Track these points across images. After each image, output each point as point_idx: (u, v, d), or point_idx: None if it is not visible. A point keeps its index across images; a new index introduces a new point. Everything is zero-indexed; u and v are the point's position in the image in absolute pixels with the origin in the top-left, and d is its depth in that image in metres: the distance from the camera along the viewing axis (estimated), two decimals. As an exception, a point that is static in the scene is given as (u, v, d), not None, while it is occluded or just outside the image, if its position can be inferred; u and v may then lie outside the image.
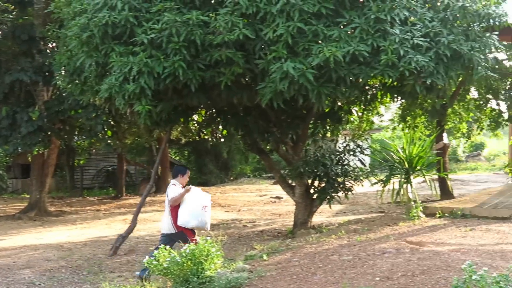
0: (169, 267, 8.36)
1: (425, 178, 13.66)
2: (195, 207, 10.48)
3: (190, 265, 8.39)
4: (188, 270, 8.36)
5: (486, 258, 8.36)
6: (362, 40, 10.38)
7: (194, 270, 8.37)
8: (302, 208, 13.62)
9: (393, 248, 9.57)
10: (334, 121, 13.94)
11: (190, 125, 15.73)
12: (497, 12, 11.81)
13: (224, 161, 30.81)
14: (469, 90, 18.80)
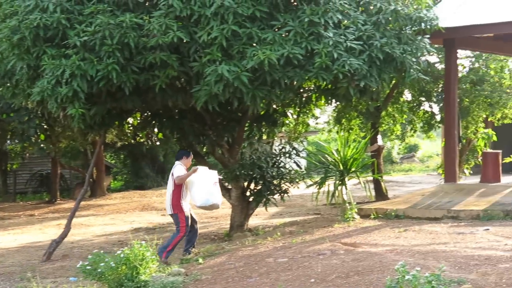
0: (103, 272, 8.27)
1: (359, 180, 13.81)
2: (208, 185, 10.97)
3: (125, 270, 8.31)
4: (122, 275, 8.27)
5: (419, 258, 8.48)
6: (296, 43, 10.45)
7: (129, 274, 8.29)
8: (239, 210, 13.61)
9: (328, 249, 9.64)
10: (270, 123, 13.98)
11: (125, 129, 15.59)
12: (428, 15, 12.02)
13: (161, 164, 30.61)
14: (402, 93, 19.06)
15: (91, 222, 18.27)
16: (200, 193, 10.96)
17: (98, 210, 21.45)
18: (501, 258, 8.25)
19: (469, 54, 18.97)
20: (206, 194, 10.97)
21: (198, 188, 10.94)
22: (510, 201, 12.67)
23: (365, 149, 14.10)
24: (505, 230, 10.48)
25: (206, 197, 10.98)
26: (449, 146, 15.10)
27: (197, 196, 10.98)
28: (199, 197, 10.98)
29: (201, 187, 10.95)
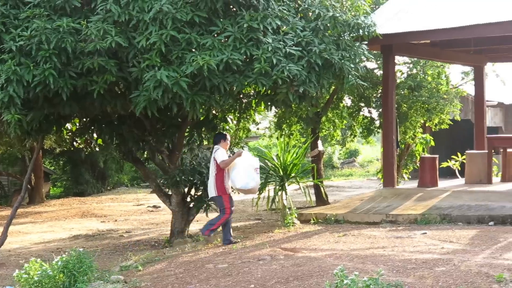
0: (40, 280, 8.15)
1: (299, 185, 13.87)
2: (249, 169, 11.46)
3: (63, 278, 8.21)
4: (60, 283, 8.18)
5: (358, 263, 8.56)
6: (235, 48, 10.46)
7: (67, 282, 8.20)
8: (179, 217, 13.54)
9: (268, 255, 9.67)
10: (210, 129, 13.94)
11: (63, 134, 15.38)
12: (366, 22, 12.15)
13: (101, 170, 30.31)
14: (342, 98, 19.20)
15: (29, 229, 17.98)
16: (241, 176, 11.45)
17: (37, 217, 21.12)
18: (438, 261, 8.37)
19: (407, 60, 19.22)
20: (247, 178, 11.45)
21: (239, 171, 11.45)
22: (446, 205, 12.88)
23: (305, 154, 14.15)
24: (441, 233, 10.65)
25: (247, 180, 11.46)
26: (387, 151, 15.29)
27: (238, 178, 11.47)
28: (240, 180, 11.46)
29: (242, 171, 11.45)
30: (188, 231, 13.72)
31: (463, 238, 10.16)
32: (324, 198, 17.33)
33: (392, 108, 15.34)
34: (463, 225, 11.72)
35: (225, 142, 11.87)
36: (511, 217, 11.69)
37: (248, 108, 13.99)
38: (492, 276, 7.45)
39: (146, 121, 12.87)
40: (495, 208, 12.29)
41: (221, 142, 11.83)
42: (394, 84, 15.70)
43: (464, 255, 8.72)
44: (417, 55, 17.15)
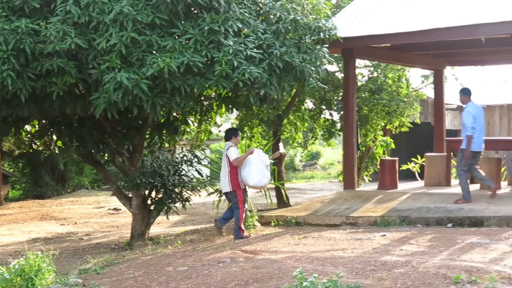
0: (-4, 284, 8.05)
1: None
2: (261, 166, 11.95)
3: (20, 281, 8.12)
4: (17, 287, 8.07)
5: (317, 265, 8.59)
6: (196, 51, 10.45)
7: (24, 286, 8.09)
8: (140, 219, 13.49)
9: (228, 257, 9.66)
10: (171, 131, 13.90)
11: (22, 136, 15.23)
12: (326, 25, 12.23)
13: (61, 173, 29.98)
14: (304, 101, 19.27)
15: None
16: (254, 174, 11.88)
17: (-4, 221, 20.85)
18: (397, 263, 8.43)
19: (367, 64, 19.36)
20: (259, 175, 11.91)
21: (252, 168, 11.88)
22: (406, 207, 12.98)
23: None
24: (400, 235, 10.73)
25: (259, 178, 11.93)
26: (348, 153, 15.38)
27: (251, 176, 11.88)
28: (253, 178, 11.88)
29: (255, 169, 11.89)
30: (149, 234, 13.68)
31: (421, 239, 10.25)
32: (285, 200, 17.38)
33: (353, 111, 15.43)
34: (422, 227, 11.82)
35: (236, 139, 12.21)
36: (469, 219, 11.82)
37: (209, 111, 13.97)
38: (450, 277, 7.54)
39: (106, 123, 12.79)
40: (453, 210, 12.42)
41: (232, 139, 12.15)
42: (354, 87, 15.80)
43: (422, 257, 8.80)
44: (378, 58, 17.27)
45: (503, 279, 7.47)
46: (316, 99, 19.03)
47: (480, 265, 8.10)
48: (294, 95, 16.86)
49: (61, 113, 12.07)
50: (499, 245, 9.39)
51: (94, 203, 24.67)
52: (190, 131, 16.01)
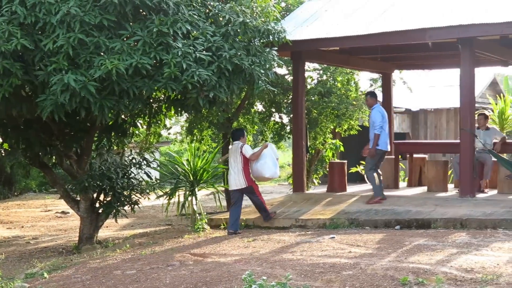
0: None
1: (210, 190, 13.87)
2: (274, 159, 12.90)
3: (-37, 287, 7.98)
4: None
5: (267, 267, 8.59)
6: (145, 53, 10.39)
7: (-33, 291, 7.96)
8: (88, 223, 13.35)
9: (177, 260, 9.62)
10: (119, 134, 13.80)
11: (-33, 139, 14.98)
12: (276, 28, 12.27)
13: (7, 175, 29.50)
14: (253, 104, 19.28)
15: None
16: (270, 166, 12.77)
17: None
18: (345, 265, 8.47)
19: (317, 67, 19.45)
20: (274, 167, 12.85)
21: (267, 161, 12.75)
22: (354, 210, 13.07)
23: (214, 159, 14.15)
24: (349, 238, 10.79)
25: (274, 170, 12.88)
26: (297, 156, 15.42)
27: (267, 168, 12.75)
28: (269, 170, 12.77)
29: (270, 161, 12.78)
30: (97, 237, 13.54)
31: (370, 242, 10.32)
32: (235, 203, 17.33)
33: (302, 114, 15.48)
34: (371, 229, 11.91)
35: (244, 138, 12.93)
36: (416, 221, 11.95)
37: (158, 113, 13.89)
38: (397, 279, 7.60)
39: (53, 126, 12.63)
40: (401, 212, 12.54)
41: (241, 138, 12.86)
42: (304, 90, 15.86)
43: (370, 259, 8.85)
44: (327, 61, 17.36)
45: (449, 280, 7.55)
46: (266, 102, 19.06)
47: (427, 266, 8.18)
48: (243, 97, 16.86)
49: (7, 115, 11.90)
50: (446, 247, 9.50)
51: (42, 206, 24.33)
52: (139, 133, 15.89)
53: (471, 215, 11.81)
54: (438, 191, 14.85)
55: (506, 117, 21.28)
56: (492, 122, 19.99)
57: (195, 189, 13.45)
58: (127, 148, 14.99)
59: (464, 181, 13.63)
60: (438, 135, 27.48)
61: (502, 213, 11.90)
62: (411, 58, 18.54)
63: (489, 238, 10.15)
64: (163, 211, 14.18)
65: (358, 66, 18.18)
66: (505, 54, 16.11)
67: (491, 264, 8.26)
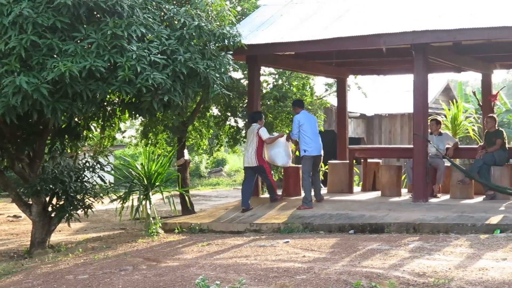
0: None
1: (164, 194, 13.82)
2: (288, 149, 14.32)
3: None
4: None
5: (220, 272, 8.56)
6: (99, 55, 10.31)
7: None
8: (40, 227, 13.17)
9: (131, 265, 9.54)
10: (72, 137, 13.65)
11: None
12: (231, 32, 12.28)
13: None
14: (209, 108, 19.25)
15: None
16: (283, 156, 14.22)
17: None
18: (299, 269, 8.48)
19: (273, 71, 19.49)
20: (287, 157, 14.30)
21: (281, 151, 14.17)
22: (309, 214, 13.10)
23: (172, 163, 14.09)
24: (303, 242, 10.81)
25: (287, 159, 14.33)
26: (253, 160, 15.39)
27: (280, 157, 14.21)
28: (282, 159, 14.26)
29: (283, 151, 14.18)
30: (49, 242, 13.37)
31: (324, 246, 10.35)
32: (190, 207, 17.28)
33: (258, 118, 15.47)
34: (325, 234, 11.95)
35: (261, 121, 14.19)
36: (370, 226, 12.02)
37: (112, 116, 13.77)
38: (351, 283, 7.63)
39: (5, 128, 12.44)
40: (355, 216, 12.60)
41: (258, 121, 14.08)
42: (259, 94, 15.87)
43: (324, 263, 8.88)
44: (282, 66, 17.41)
45: (402, 284, 7.61)
46: (221, 106, 19.05)
47: (380, 271, 8.23)
48: (199, 101, 16.81)
49: (-43, 117, 11.69)
50: (399, 251, 9.58)
51: (-7, 210, 23.98)
52: (93, 137, 15.75)
53: (424, 220, 11.92)
54: (392, 195, 14.97)
55: (459, 123, 21.58)
56: (445, 127, 20.26)
57: (149, 193, 13.37)
58: (81, 151, 14.81)
59: (417, 186, 13.77)
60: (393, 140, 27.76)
61: (454, 217, 12.04)
62: (366, 64, 18.68)
63: (441, 242, 10.25)
64: (117, 215, 14.06)
65: (314, 71, 18.27)
66: (458, 61, 16.33)
67: (443, 268, 8.34)
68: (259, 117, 14.18)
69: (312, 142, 13.81)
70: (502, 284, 7.52)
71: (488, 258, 8.93)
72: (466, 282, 7.63)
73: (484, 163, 14.13)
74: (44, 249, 12.78)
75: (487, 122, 14.95)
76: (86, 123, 13.75)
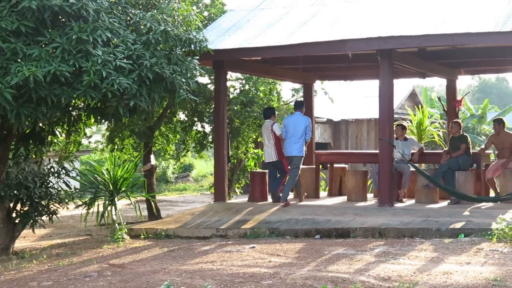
0: None
1: (130, 199, 13.74)
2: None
3: None
4: None
5: (186, 277, 8.53)
6: (64, 60, 10.23)
7: None
8: (3, 233, 13.02)
9: (95, 271, 9.47)
10: (37, 142, 13.52)
11: None
12: (197, 37, 12.24)
13: None
14: (175, 113, 19.20)
15: None
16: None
17: None
18: (265, 275, 8.48)
19: (239, 76, 19.50)
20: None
21: None
22: (275, 219, 13.12)
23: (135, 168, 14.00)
24: (270, 247, 10.81)
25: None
26: (219, 166, 15.40)
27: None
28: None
29: None
30: (13, 248, 13.22)
31: (290, 251, 10.37)
32: (156, 213, 17.21)
33: (224, 123, 15.49)
34: (291, 239, 11.97)
35: (274, 116, 15.05)
36: (336, 230, 12.06)
37: (77, 121, 13.67)
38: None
39: (-32, 133, 12.31)
40: (321, 221, 12.64)
41: (271, 117, 14.90)
42: (225, 100, 15.86)
43: (290, 268, 8.89)
44: (249, 71, 17.42)
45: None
46: (188, 111, 19.00)
47: (346, 275, 8.26)
48: (165, 106, 16.77)
49: None
50: (364, 256, 9.62)
51: (-43, 216, 23.66)
52: (58, 142, 15.61)
53: (389, 224, 11.99)
54: (358, 200, 15.04)
55: (424, 128, 21.75)
56: (410, 132, 20.41)
57: (114, 198, 13.28)
58: (46, 156, 14.68)
59: (383, 190, 13.85)
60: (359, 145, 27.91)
61: (419, 222, 12.12)
62: (332, 69, 18.77)
63: (406, 246, 10.32)
64: (82, 221, 13.95)
65: (280, 76, 18.31)
66: (423, 66, 16.47)
67: (407, 272, 8.39)
68: (272, 113, 15.05)
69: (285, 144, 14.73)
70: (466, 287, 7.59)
71: (452, 262, 9.01)
72: (430, 286, 7.69)
73: (449, 168, 14.26)
74: (8, 256, 12.64)
75: (452, 127, 15.10)
76: (51, 128, 13.61)
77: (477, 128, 30.04)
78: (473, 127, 29.89)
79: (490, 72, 22.57)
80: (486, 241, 10.50)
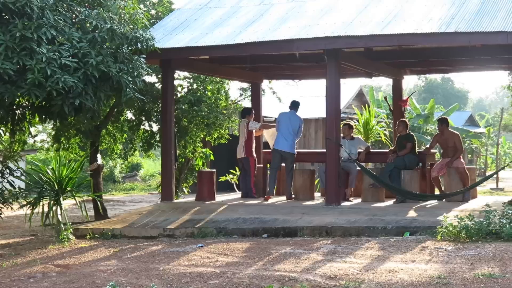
0: None
1: (75, 199, 13.59)
2: None
3: None
4: None
5: (132, 278, 8.49)
6: (7, 58, 10.11)
7: None
8: None
9: (40, 272, 9.36)
10: (-19, 141, 13.34)
11: None
12: (144, 35, 12.17)
13: None
14: (123, 112, 19.01)
15: None
16: None
17: None
18: (212, 274, 8.48)
19: (187, 75, 19.40)
20: None
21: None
22: (223, 218, 13.10)
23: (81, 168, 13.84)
24: (217, 246, 10.80)
25: None
26: (166, 165, 15.32)
27: None
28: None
29: None
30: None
31: (237, 250, 10.37)
32: (102, 213, 17.02)
33: (171, 122, 15.42)
34: (238, 238, 11.97)
35: (249, 115, 16.11)
36: (283, 229, 12.09)
37: (22, 120, 13.47)
38: (263, 287, 7.68)
39: None
40: (269, 221, 12.66)
41: (247, 116, 16.11)
42: (173, 99, 15.80)
43: (237, 267, 8.90)
44: (197, 70, 17.36)
45: (313, 287, 7.68)
46: (135, 110, 18.83)
47: (293, 274, 8.29)
48: (112, 105, 16.60)
49: None
50: (311, 255, 9.67)
51: None
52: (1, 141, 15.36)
53: (336, 223, 12.06)
54: (305, 199, 15.10)
55: (371, 127, 21.95)
56: (357, 132, 20.56)
57: (60, 198, 13.11)
58: (-11, 156, 14.44)
59: (330, 189, 13.93)
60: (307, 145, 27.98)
61: (365, 220, 12.23)
62: (280, 68, 18.80)
63: (352, 245, 10.40)
64: (27, 221, 13.74)
65: (228, 75, 18.29)
66: (370, 66, 16.60)
67: (353, 271, 8.46)
68: (247, 112, 16.22)
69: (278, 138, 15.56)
70: (411, 285, 7.67)
71: (397, 261, 9.11)
72: (376, 284, 7.76)
73: (395, 167, 14.41)
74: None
75: (398, 125, 15.26)
76: (-8, 128, 13.42)
77: (423, 128, 30.42)
78: (420, 126, 30.26)
79: (436, 72, 22.89)
80: (430, 239, 10.64)
